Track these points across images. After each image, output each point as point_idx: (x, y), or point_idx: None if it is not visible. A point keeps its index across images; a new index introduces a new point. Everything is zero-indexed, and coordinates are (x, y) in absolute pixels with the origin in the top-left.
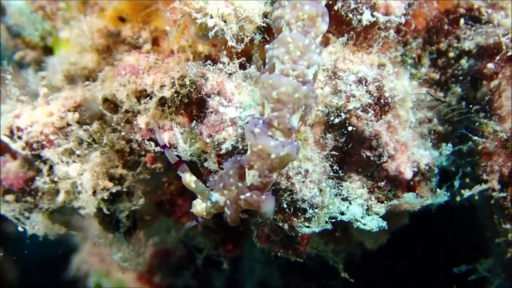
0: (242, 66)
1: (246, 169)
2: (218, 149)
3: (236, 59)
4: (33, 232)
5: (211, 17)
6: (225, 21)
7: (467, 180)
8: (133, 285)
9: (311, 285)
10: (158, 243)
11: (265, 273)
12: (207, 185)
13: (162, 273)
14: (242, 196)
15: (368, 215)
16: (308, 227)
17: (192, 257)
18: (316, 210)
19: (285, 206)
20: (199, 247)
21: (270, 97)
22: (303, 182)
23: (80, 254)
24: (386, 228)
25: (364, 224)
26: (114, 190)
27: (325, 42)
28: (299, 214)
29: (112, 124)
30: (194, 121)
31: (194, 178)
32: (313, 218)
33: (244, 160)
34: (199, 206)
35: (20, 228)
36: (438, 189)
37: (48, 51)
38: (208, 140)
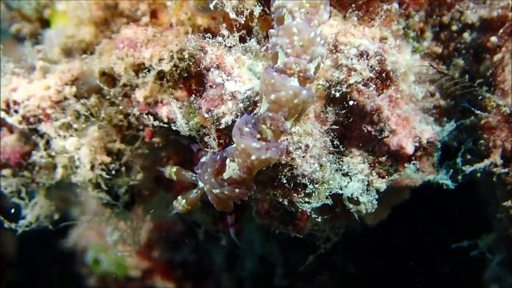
0: (242, 39)
1: (228, 160)
2: (217, 123)
3: (236, 32)
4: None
5: None
6: None
7: (469, 156)
8: (132, 260)
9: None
10: (157, 218)
11: (265, 249)
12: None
13: (161, 248)
14: (214, 190)
15: (369, 190)
16: (308, 202)
17: (191, 232)
18: (316, 185)
19: (284, 181)
20: (198, 222)
21: (269, 97)
22: (303, 157)
23: (78, 229)
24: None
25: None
26: (112, 165)
27: None
28: (299, 189)
29: (110, 98)
30: (193, 95)
31: (174, 169)
32: (313, 193)
33: (228, 151)
34: (180, 206)
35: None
36: (440, 166)
37: (45, 24)
38: (207, 115)
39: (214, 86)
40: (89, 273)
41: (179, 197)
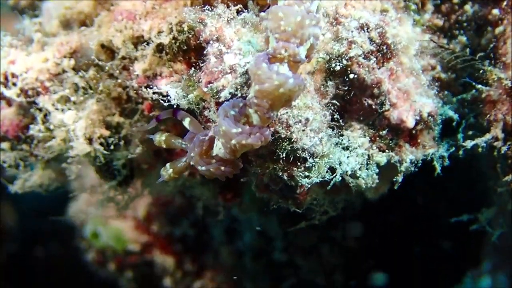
0: (239, 14)
1: (216, 139)
2: (217, 97)
3: (232, 6)
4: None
5: None
6: None
7: (470, 132)
8: (131, 234)
9: (311, 234)
10: (156, 192)
11: (264, 223)
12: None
13: (160, 222)
14: (199, 168)
15: (369, 164)
16: (308, 177)
17: (191, 206)
18: (316, 159)
19: (284, 155)
20: (197, 196)
21: (254, 87)
22: (303, 131)
23: (77, 203)
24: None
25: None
26: (111, 139)
27: None
28: (299, 163)
29: (109, 71)
30: (193, 68)
31: (163, 137)
32: (313, 167)
33: (214, 130)
34: (166, 174)
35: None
36: (440, 140)
37: None
38: (206, 88)
39: (213, 59)
40: (88, 247)
41: (167, 165)
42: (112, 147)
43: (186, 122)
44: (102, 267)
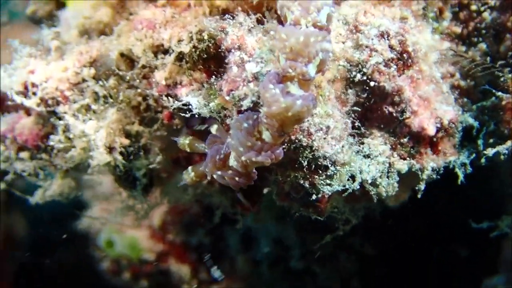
0: (260, 22)
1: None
2: (239, 105)
3: (253, 14)
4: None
5: None
6: None
7: (491, 140)
8: (146, 243)
9: (329, 242)
10: (174, 201)
11: (281, 230)
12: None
13: (176, 230)
14: (214, 175)
15: (390, 172)
16: (329, 184)
17: (206, 214)
18: (337, 167)
19: (306, 163)
20: (215, 205)
21: (263, 108)
22: (324, 138)
23: (91, 211)
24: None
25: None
26: (130, 148)
27: None
28: (321, 171)
29: (129, 80)
30: (214, 77)
31: (187, 141)
32: (334, 175)
33: (228, 142)
34: (188, 177)
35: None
36: (461, 147)
37: (61, 5)
38: (228, 97)
39: (235, 68)
40: (102, 256)
41: (189, 168)
42: (131, 156)
43: (214, 129)
44: (116, 276)
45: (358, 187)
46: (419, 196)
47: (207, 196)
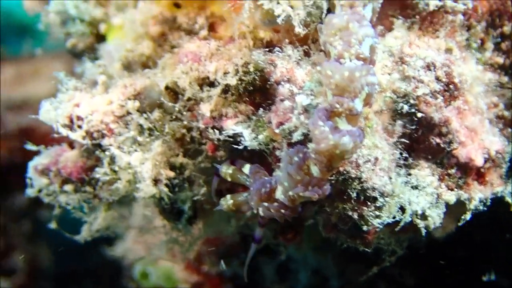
0: (307, 54)
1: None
2: (289, 137)
3: (299, 46)
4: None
5: (278, 3)
6: (292, 7)
7: None
8: (181, 274)
9: (367, 272)
10: (218, 233)
11: (319, 261)
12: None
13: (211, 261)
14: (259, 208)
15: (438, 203)
16: (378, 216)
17: (242, 245)
18: (387, 199)
19: (354, 195)
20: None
21: (311, 144)
22: (373, 170)
23: (125, 243)
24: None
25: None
26: (175, 180)
27: (388, 27)
28: (369, 203)
29: (173, 113)
30: (261, 109)
31: (229, 170)
32: (383, 206)
33: (276, 176)
34: (226, 204)
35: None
36: (507, 178)
37: (101, 38)
38: (278, 129)
39: (285, 100)
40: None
41: (228, 196)
42: (176, 188)
43: (246, 169)
44: None
45: (410, 219)
46: (460, 224)
47: (250, 227)
